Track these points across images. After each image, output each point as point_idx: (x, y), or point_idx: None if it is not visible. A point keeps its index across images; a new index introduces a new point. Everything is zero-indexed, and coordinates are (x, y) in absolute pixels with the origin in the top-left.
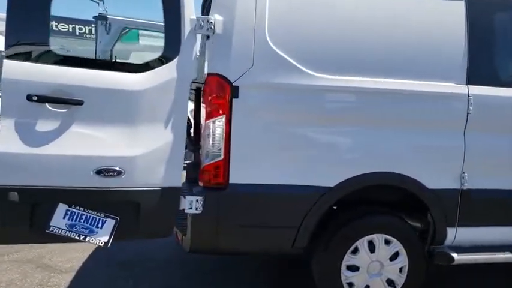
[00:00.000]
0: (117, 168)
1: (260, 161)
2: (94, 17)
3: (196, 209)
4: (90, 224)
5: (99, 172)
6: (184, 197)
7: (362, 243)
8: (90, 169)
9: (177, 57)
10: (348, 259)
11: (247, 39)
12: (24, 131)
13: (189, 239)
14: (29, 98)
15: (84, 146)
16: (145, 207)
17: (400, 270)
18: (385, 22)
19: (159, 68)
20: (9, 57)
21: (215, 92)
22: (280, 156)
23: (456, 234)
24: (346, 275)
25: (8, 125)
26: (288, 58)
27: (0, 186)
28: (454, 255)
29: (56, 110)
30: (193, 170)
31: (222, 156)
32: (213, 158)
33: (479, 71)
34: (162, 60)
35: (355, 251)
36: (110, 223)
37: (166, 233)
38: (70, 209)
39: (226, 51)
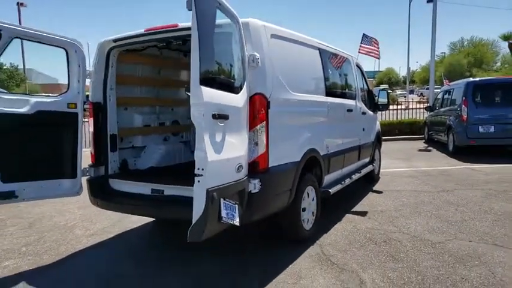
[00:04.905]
0: (242, 164)
1: (278, 149)
2: None
3: (256, 188)
4: (232, 211)
5: (237, 169)
6: (250, 182)
7: (305, 192)
8: (234, 167)
9: (245, 83)
10: (302, 204)
11: (270, 71)
12: (214, 143)
13: (252, 212)
14: (213, 116)
15: (231, 149)
16: (248, 192)
17: (315, 205)
18: (307, 65)
19: (242, 91)
20: (202, 83)
21: (260, 106)
22: (285, 144)
23: (325, 180)
24: (302, 214)
25: (207, 139)
26: (284, 83)
27: (212, 188)
28: (330, 190)
29: (221, 124)
30: None
31: (265, 149)
32: (261, 151)
33: (330, 89)
34: (241, 85)
35: (303, 198)
36: (237, 208)
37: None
38: (225, 201)
39: (264, 78)
